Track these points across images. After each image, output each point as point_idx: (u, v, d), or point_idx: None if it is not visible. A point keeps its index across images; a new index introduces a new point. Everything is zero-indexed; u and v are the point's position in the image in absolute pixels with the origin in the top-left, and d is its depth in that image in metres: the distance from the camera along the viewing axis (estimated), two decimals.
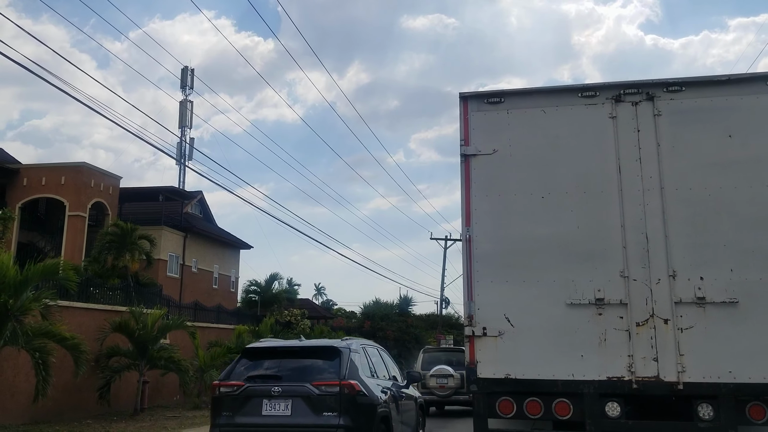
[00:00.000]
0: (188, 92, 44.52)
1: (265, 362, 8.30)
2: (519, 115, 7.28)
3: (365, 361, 8.64)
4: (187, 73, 44.34)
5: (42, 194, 31.66)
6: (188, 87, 44.42)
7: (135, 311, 16.45)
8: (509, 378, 6.68)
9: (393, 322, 44.84)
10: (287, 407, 7.55)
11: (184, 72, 44.23)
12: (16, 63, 11.12)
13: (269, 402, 7.59)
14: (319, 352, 8.44)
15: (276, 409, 7.56)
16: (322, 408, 7.45)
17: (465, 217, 7.11)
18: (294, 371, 7.98)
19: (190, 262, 37.33)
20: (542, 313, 6.76)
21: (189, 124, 44.75)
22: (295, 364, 8.18)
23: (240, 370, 8.16)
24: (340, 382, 7.54)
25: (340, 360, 7.90)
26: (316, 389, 7.54)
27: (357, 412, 7.50)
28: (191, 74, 44.59)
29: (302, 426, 7.45)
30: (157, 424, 14.68)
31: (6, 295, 11.24)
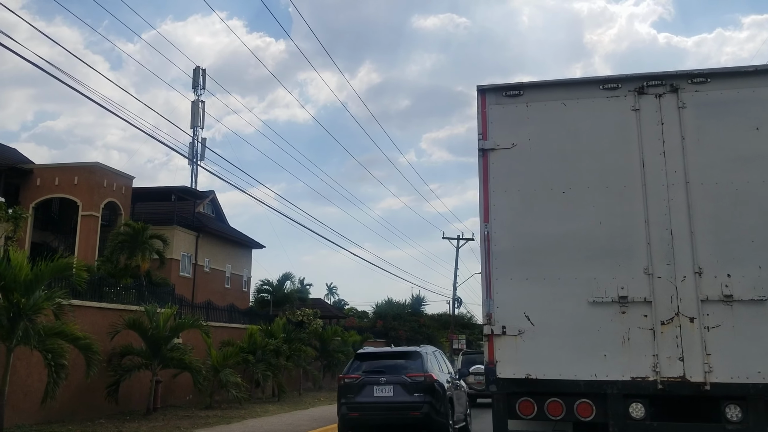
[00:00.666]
0: (200, 92, 44.69)
1: (372, 362, 12.01)
2: (539, 108, 7.08)
3: (435, 361, 12.25)
4: (199, 74, 44.47)
5: (55, 194, 31.79)
6: (200, 87, 44.58)
7: (148, 310, 16.40)
8: (530, 378, 6.49)
9: (405, 321, 44.71)
10: (390, 390, 11.27)
11: (196, 72, 44.35)
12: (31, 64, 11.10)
13: (378, 387, 11.32)
14: (408, 355, 12.19)
15: (383, 392, 11.28)
16: (413, 391, 11.14)
17: (483, 213, 6.92)
18: (392, 367, 11.71)
19: (203, 261, 37.36)
20: (563, 312, 6.56)
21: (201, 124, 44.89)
22: (393, 363, 11.94)
23: (355, 367, 11.97)
24: (423, 374, 11.29)
25: (422, 360, 11.71)
26: (408, 379, 11.29)
27: (434, 394, 11.18)
28: (203, 74, 44.73)
29: (401, 402, 11.11)
30: (170, 423, 14.61)
31: (18, 294, 11.20)
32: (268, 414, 17.62)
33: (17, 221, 15.44)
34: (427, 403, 11.02)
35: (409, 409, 11.02)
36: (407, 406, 11.04)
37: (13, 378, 12.85)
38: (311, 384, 27.64)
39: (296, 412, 18.56)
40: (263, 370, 20.70)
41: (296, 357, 24.43)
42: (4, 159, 32.51)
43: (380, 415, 11.29)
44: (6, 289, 11.37)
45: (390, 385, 11.27)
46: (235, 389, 18.46)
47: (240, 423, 15.37)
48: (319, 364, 29.06)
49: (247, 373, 20.70)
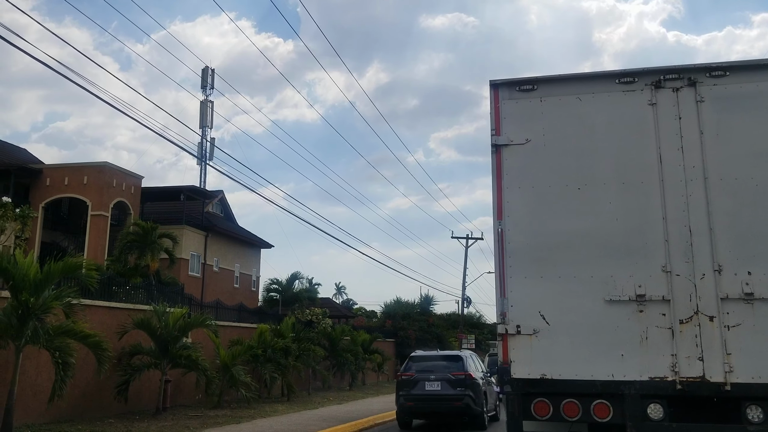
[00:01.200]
0: (209, 92, 44.72)
1: (423, 363, 15.07)
2: (553, 103, 6.95)
3: (472, 362, 15.19)
4: (208, 74, 44.50)
5: (65, 194, 31.88)
6: (209, 87, 44.62)
7: (157, 309, 16.35)
8: (545, 378, 6.35)
9: (414, 321, 44.54)
10: (438, 385, 14.15)
11: (205, 72, 44.40)
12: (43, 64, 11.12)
13: (428, 383, 14.20)
14: (451, 357, 15.34)
15: (432, 387, 14.16)
16: (456, 386, 13.99)
17: (496, 210, 6.80)
18: (440, 367, 14.56)
19: (212, 261, 37.38)
20: (579, 311, 6.42)
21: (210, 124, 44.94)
22: (439, 364, 14.86)
23: (410, 366, 15.10)
24: (464, 373, 14.12)
25: (462, 362, 14.67)
26: (452, 376, 14.13)
27: (473, 388, 13.98)
28: (212, 74, 44.76)
29: (447, 394, 13.99)
30: (179, 423, 14.55)
31: (27, 294, 11.16)
32: (277, 414, 17.54)
33: (25, 220, 15.43)
34: (467, 395, 13.95)
35: (453, 400, 14.05)
36: (451, 397, 14.06)
37: (22, 377, 12.83)
38: (320, 384, 27.56)
39: (305, 412, 18.47)
40: (272, 370, 20.62)
41: (305, 356, 24.33)
42: (13, 159, 32.65)
43: (430, 405, 14.48)
44: (15, 288, 11.34)
45: (438, 381, 14.26)
46: (244, 389, 18.40)
47: (249, 423, 15.29)
48: (328, 364, 28.96)
49: (256, 372, 20.63)
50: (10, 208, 15.44)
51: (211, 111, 45.24)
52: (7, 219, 15.02)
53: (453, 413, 14.42)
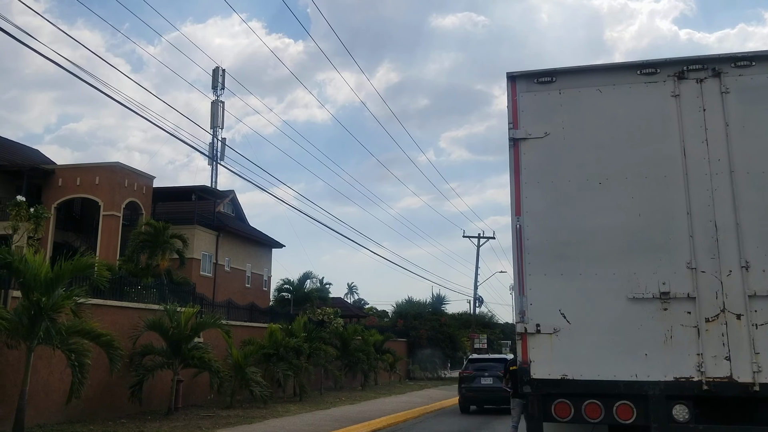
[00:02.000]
0: (219, 93, 44.70)
1: (479, 363, 19.61)
2: (572, 95, 6.75)
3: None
4: (218, 74, 44.48)
5: (77, 194, 31.96)
6: (219, 87, 44.60)
7: (169, 309, 16.27)
8: (566, 379, 6.16)
9: (426, 320, 44.30)
10: (491, 380, 18.14)
11: (215, 72, 44.37)
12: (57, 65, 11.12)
13: (483, 378, 18.53)
14: (499, 359, 18.85)
15: (486, 381, 18.33)
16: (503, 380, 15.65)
17: (514, 205, 6.61)
18: (491, 366, 18.41)
19: (223, 261, 37.37)
20: (601, 309, 6.22)
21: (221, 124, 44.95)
22: (491, 364, 18.75)
23: (468, 366, 19.69)
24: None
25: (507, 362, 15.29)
26: (501, 373, 16.12)
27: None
28: (222, 75, 44.73)
29: (497, 387, 16.62)
30: (191, 423, 14.46)
31: (38, 293, 11.09)
32: (289, 414, 17.42)
33: (38, 220, 15.39)
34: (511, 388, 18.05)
35: (501, 391, 15.97)
36: (500, 389, 16.03)
37: (35, 377, 12.77)
38: (332, 383, 27.43)
39: (318, 412, 18.33)
40: (284, 370, 20.51)
41: (317, 356, 24.21)
42: (26, 160, 32.80)
43: (484, 395, 18.77)
44: (26, 287, 11.27)
45: (491, 377, 18.45)
46: (257, 388, 18.29)
47: (262, 423, 15.18)
48: (340, 364, 28.82)
49: (268, 372, 20.53)
50: (24, 207, 15.41)
51: (221, 111, 45.23)
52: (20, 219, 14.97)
53: (501, 401, 17.24)
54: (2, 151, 32.20)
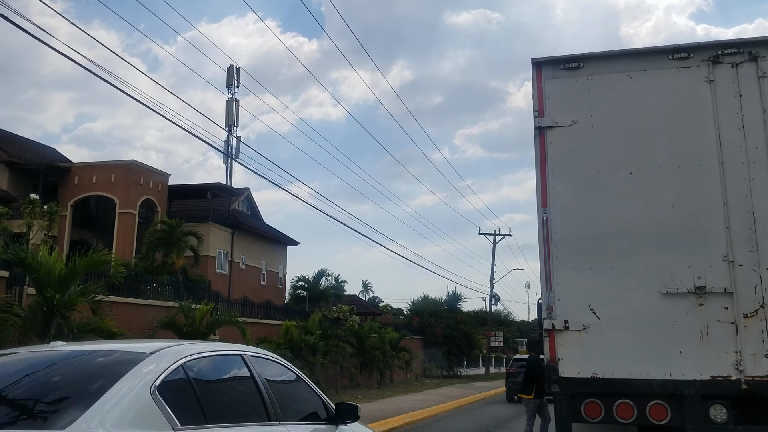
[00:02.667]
0: (234, 91, 44.64)
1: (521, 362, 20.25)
2: (601, 82, 6.45)
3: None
4: (233, 72, 44.39)
5: (93, 192, 32.02)
6: (234, 86, 44.54)
7: (184, 306, 16.15)
8: (596, 377, 5.88)
9: (442, 318, 43.98)
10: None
11: (230, 70, 44.28)
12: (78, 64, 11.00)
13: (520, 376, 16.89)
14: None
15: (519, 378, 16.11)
16: None
17: (541, 197, 6.33)
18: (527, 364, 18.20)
19: (238, 258, 37.31)
20: (633, 304, 5.93)
21: (236, 122, 44.92)
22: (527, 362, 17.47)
23: (513, 364, 23.22)
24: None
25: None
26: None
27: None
28: (237, 73, 44.63)
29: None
30: None
31: (52, 290, 10.97)
32: None
33: (52, 217, 15.31)
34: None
35: None
36: None
37: None
38: (348, 381, 27.25)
39: None
40: (301, 367, 20.35)
41: (333, 353, 24.03)
42: (42, 158, 32.95)
43: None
44: (40, 284, 11.16)
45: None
46: None
47: None
48: (356, 361, 28.63)
49: None
50: (37, 205, 15.34)
51: (236, 109, 45.20)
52: (34, 216, 14.91)
53: None
54: (19, 150, 32.34)
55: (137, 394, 2.80)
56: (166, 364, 3.06)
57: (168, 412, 2.84)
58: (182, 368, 3.14)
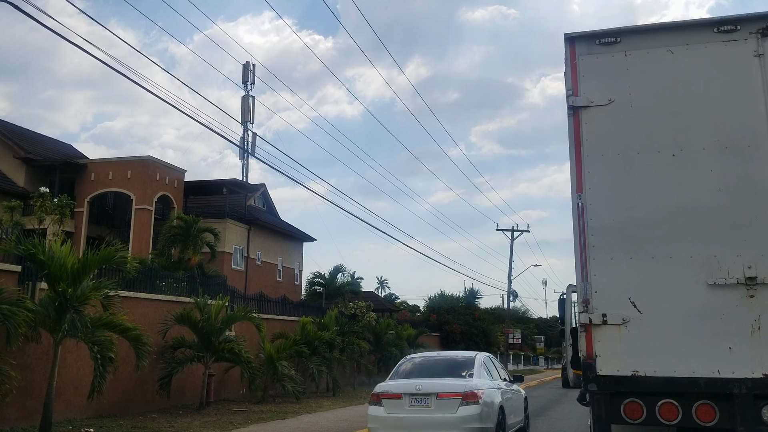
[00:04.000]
0: (250, 87, 44.43)
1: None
2: (640, 57, 6.00)
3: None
4: (249, 69, 44.20)
5: (109, 188, 31.96)
6: (250, 82, 44.34)
7: (200, 301, 15.89)
8: (637, 375, 5.44)
9: (459, 315, 43.47)
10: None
11: (246, 67, 44.09)
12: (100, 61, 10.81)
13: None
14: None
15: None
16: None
17: (575, 181, 5.89)
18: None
19: (254, 254, 37.12)
20: (677, 296, 5.48)
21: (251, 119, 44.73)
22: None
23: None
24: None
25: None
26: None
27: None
28: (252, 70, 44.43)
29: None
30: (223, 419, 14.05)
31: (65, 284, 10.71)
32: (322, 409, 16.93)
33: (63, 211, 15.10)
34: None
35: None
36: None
37: (64, 371, 12.48)
38: (365, 378, 26.92)
39: (351, 408, 17.81)
40: (318, 364, 20.02)
41: (350, 350, 23.71)
42: (59, 154, 32.94)
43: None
44: (52, 278, 10.91)
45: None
46: (290, 383, 17.84)
47: (294, 419, 14.70)
48: (373, 358, 28.30)
49: (301, 366, 20.09)
50: (48, 198, 15.13)
51: (252, 106, 45.01)
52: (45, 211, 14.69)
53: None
54: (35, 146, 32.36)
55: (479, 364, 10.41)
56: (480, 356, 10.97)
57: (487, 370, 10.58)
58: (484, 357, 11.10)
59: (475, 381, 9.88)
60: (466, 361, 10.68)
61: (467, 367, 10.41)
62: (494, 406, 9.73)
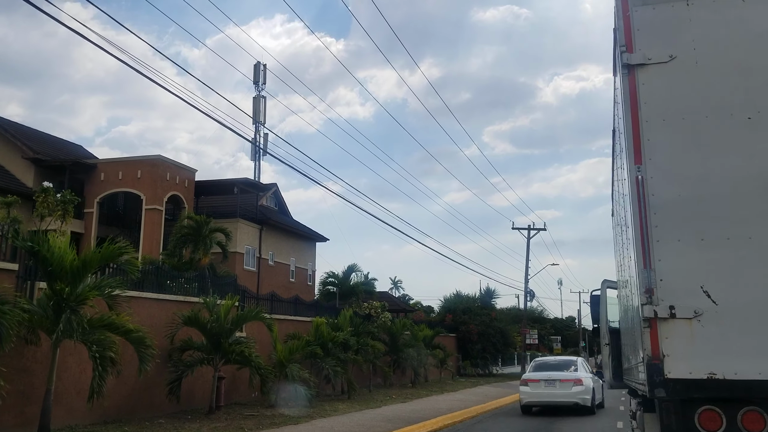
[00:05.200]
0: (261, 88, 43.87)
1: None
2: (705, 6, 5.15)
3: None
4: (260, 69, 43.63)
5: (119, 188, 31.44)
6: (261, 83, 43.78)
7: (208, 301, 15.18)
8: (714, 378, 4.58)
9: (476, 315, 42.49)
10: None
11: (257, 68, 43.53)
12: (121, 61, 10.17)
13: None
14: None
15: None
16: None
17: (632, 151, 5.05)
18: None
19: (267, 255, 36.47)
20: (759, 284, 4.63)
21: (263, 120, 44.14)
22: None
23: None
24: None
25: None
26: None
27: None
28: (263, 70, 43.88)
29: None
30: (233, 424, 13.32)
31: (62, 283, 10.03)
32: (338, 413, 16.16)
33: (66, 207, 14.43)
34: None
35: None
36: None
37: (65, 374, 11.82)
38: (380, 380, 26.12)
39: (368, 411, 17.03)
40: (333, 365, 19.22)
41: (365, 351, 22.91)
42: (69, 155, 32.46)
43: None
44: (51, 276, 10.23)
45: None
46: (303, 385, 17.09)
47: (308, 423, 13.96)
48: (389, 359, 27.48)
49: (314, 368, 19.33)
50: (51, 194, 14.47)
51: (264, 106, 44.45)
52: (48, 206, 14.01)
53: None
54: (44, 147, 31.89)
55: (579, 364, 18.85)
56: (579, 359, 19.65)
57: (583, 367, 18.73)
58: (581, 360, 19.78)
59: (579, 373, 17.96)
60: (571, 362, 19.31)
61: (573, 365, 18.76)
62: (590, 387, 17.53)
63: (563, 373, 17.76)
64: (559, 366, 18.67)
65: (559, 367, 18.38)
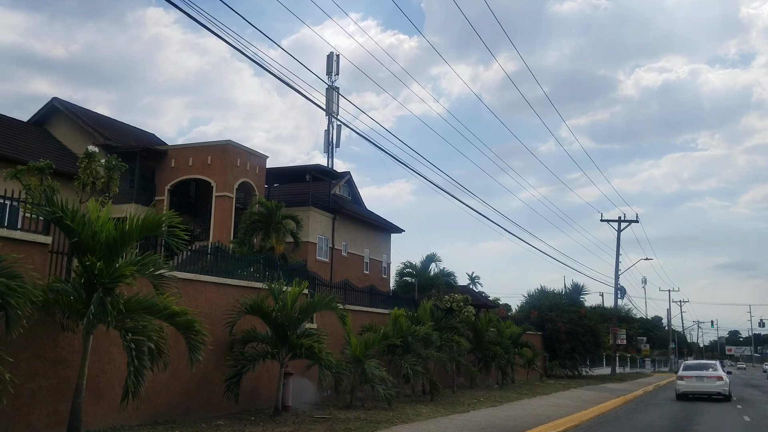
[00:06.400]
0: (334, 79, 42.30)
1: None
2: None
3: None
4: (332, 60, 42.09)
5: (189, 175, 30.49)
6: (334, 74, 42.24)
7: (274, 288, 13.32)
8: None
9: (563, 312, 39.26)
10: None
11: (330, 58, 42.00)
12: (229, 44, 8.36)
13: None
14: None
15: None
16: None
17: None
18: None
19: (340, 245, 34.83)
20: None
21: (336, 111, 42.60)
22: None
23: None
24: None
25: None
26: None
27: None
28: (336, 60, 42.31)
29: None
30: (302, 428, 11.41)
31: (94, 258, 8.29)
32: (421, 417, 13.98)
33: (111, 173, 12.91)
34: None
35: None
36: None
37: (109, 367, 10.18)
38: (464, 381, 23.77)
39: (455, 417, 14.77)
40: (413, 363, 17.04)
41: (448, 348, 20.64)
42: (140, 141, 31.81)
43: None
44: (82, 249, 8.53)
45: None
46: (380, 385, 15.02)
47: (387, 430, 11.86)
48: (472, 358, 25.10)
49: (393, 365, 17.23)
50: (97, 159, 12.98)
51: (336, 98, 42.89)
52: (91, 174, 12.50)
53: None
54: (116, 134, 31.36)
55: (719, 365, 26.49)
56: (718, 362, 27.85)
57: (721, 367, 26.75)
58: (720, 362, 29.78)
59: (719, 372, 24.65)
60: (711, 364, 25.94)
61: (712, 366, 25.35)
62: (728, 382, 24.59)
63: (707, 372, 24.77)
64: (703, 367, 25.78)
65: (703, 368, 25.48)
